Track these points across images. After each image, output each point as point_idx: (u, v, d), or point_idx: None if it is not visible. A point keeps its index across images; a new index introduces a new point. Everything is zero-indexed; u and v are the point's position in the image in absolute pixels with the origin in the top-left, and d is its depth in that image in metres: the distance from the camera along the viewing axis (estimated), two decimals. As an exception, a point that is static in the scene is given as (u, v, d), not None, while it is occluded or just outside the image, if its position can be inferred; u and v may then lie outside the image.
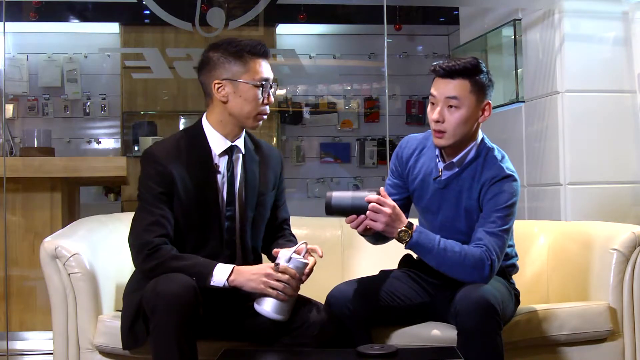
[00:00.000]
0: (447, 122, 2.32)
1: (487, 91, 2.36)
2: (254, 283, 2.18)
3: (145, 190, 2.30)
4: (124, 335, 2.27)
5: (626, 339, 2.63)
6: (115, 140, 6.66)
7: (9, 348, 3.37)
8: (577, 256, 2.80)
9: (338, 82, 6.91)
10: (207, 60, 2.34)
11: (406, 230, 2.25)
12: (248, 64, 2.30)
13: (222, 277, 2.17)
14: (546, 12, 3.91)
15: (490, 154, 2.41)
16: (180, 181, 2.29)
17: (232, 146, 2.37)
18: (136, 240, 2.26)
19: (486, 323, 2.17)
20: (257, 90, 2.29)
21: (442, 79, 2.33)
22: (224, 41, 2.34)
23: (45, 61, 6.48)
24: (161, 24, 4.15)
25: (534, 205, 4.05)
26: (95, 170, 3.61)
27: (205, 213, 2.32)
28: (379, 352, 2.08)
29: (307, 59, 6.58)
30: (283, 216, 2.55)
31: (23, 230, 3.54)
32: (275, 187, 2.48)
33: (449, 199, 2.42)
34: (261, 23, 5.13)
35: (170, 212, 2.28)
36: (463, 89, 2.31)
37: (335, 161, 6.93)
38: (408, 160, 2.51)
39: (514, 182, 2.37)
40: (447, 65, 2.32)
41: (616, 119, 3.83)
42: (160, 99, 6.39)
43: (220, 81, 2.31)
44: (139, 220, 2.28)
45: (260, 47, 2.32)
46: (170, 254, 2.22)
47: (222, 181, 2.36)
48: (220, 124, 2.36)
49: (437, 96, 2.34)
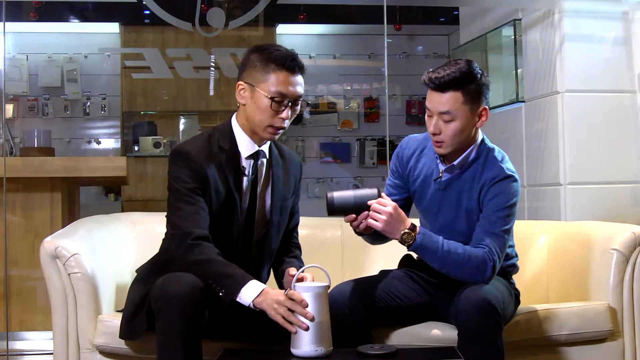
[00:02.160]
0: (443, 133, 2.32)
1: (482, 97, 2.33)
2: (270, 307, 2.11)
3: (180, 185, 2.26)
4: (122, 325, 2.28)
5: (626, 339, 2.63)
6: (115, 140, 6.66)
7: (9, 348, 3.37)
8: (577, 256, 2.80)
9: (338, 82, 6.91)
10: (245, 60, 2.33)
11: (409, 232, 2.25)
12: (269, 74, 2.26)
13: (249, 297, 2.13)
14: (546, 12, 3.91)
15: (491, 154, 2.41)
16: (213, 180, 2.28)
17: (258, 151, 2.36)
18: (178, 230, 2.23)
19: (487, 323, 2.17)
20: (271, 102, 2.26)
21: (434, 92, 2.31)
22: (264, 46, 2.31)
23: (45, 61, 6.48)
24: (161, 24, 4.15)
25: (534, 205, 4.05)
26: (95, 170, 3.61)
27: (228, 214, 2.32)
28: (379, 352, 2.08)
29: (307, 59, 6.58)
30: (295, 222, 2.55)
31: (23, 230, 3.54)
32: (294, 193, 2.49)
33: (449, 199, 2.42)
34: (261, 23, 5.13)
35: (206, 206, 2.26)
36: (455, 101, 2.28)
37: (335, 161, 6.93)
38: (409, 161, 2.51)
39: (514, 183, 2.37)
40: (437, 77, 2.28)
41: (616, 119, 3.83)
42: (160, 99, 6.38)
43: (242, 83, 2.31)
44: (177, 210, 2.24)
45: (289, 61, 2.26)
46: (214, 255, 2.19)
47: (246, 184, 2.35)
48: (244, 125, 2.35)
49: (431, 109, 2.33)
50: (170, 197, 2.29)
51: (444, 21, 6.73)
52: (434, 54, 6.96)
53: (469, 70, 2.29)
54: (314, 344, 2.06)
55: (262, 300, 2.12)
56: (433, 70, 2.31)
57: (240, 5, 4.28)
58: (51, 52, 6.49)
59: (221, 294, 2.14)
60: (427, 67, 2.41)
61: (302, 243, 2.59)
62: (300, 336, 2.07)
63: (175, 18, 4.06)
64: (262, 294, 2.13)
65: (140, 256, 2.64)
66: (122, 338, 2.31)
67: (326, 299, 2.11)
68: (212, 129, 2.41)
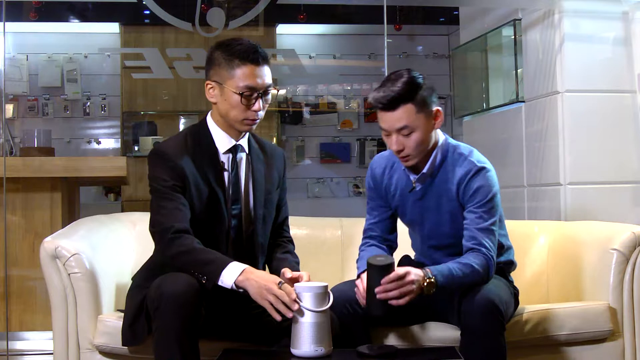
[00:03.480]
0: (407, 147, 2.33)
1: (432, 100, 2.34)
2: (256, 290, 2.12)
3: (158, 184, 2.28)
4: (124, 331, 2.28)
5: (626, 339, 2.63)
6: (115, 140, 6.66)
7: (9, 348, 3.37)
8: (577, 256, 2.80)
9: (338, 82, 6.91)
10: (209, 57, 2.34)
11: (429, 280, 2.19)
12: (234, 70, 2.26)
13: (230, 279, 2.13)
14: (546, 12, 3.91)
15: (457, 151, 2.42)
16: (192, 176, 2.29)
17: (236, 145, 2.37)
18: (158, 226, 2.24)
19: (491, 324, 2.18)
20: (240, 97, 2.27)
21: (385, 112, 2.31)
22: (225, 42, 2.33)
23: (45, 61, 6.48)
24: (161, 24, 4.15)
25: (534, 205, 4.04)
26: (95, 170, 3.61)
27: (214, 210, 2.32)
28: (378, 352, 2.08)
29: (307, 59, 6.58)
30: (284, 215, 2.55)
31: (23, 230, 3.54)
32: (279, 187, 2.49)
33: (429, 207, 2.43)
34: (261, 23, 5.13)
35: (187, 202, 2.27)
36: (409, 114, 2.29)
37: (335, 161, 6.93)
38: (382, 179, 2.52)
39: (489, 173, 2.37)
40: (384, 97, 2.28)
41: (616, 119, 3.83)
42: (160, 99, 6.39)
43: (210, 82, 2.32)
44: (157, 208, 2.26)
45: (251, 54, 2.27)
46: (194, 244, 2.20)
47: (228, 179, 2.36)
48: (219, 122, 2.36)
49: (387, 128, 2.34)
50: (152, 198, 2.30)
51: (444, 21, 6.73)
52: (434, 54, 6.96)
53: (413, 80, 2.29)
54: (314, 344, 2.06)
55: (245, 279, 2.13)
56: (377, 90, 2.31)
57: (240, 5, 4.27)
58: (51, 52, 6.50)
59: (204, 281, 2.14)
60: (427, 67, 2.43)
61: (302, 243, 2.59)
62: (300, 336, 2.07)
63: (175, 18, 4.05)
64: (243, 272, 2.14)
65: (140, 256, 2.65)
66: (125, 345, 2.30)
67: (326, 299, 2.11)
68: (188, 127, 2.44)
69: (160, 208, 2.25)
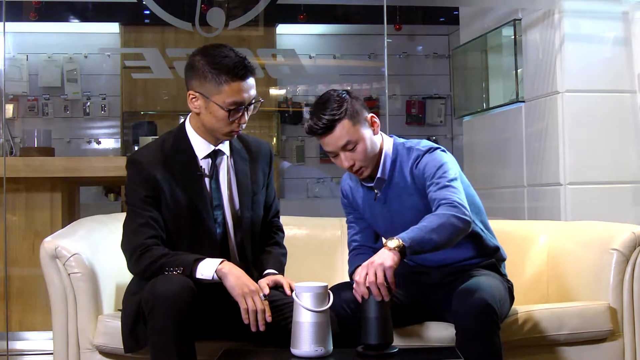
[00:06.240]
0: (357, 161, 2.36)
1: (362, 108, 2.36)
2: (235, 282, 2.14)
3: (132, 195, 2.29)
4: (125, 338, 2.27)
5: (626, 339, 2.62)
6: (115, 140, 6.66)
7: (9, 348, 3.37)
8: (577, 256, 2.80)
9: (338, 82, 6.90)
10: (191, 64, 2.29)
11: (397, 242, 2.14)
12: (222, 86, 2.22)
13: (210, 270, 2.15)
14: (546, 12, 3.91)
15: (405, 146, 2.44)
16: (166, 185, 2.28)
17: (215, 150, 2.36)
18: (128, 244, 2.27)
19: (484, 323, 2.17)
20: (228, 113, 2.24)
21: (324, 136, 2.33)
22: (210, 52, 2.27)
23: (45, 61, 6.48)
24: (161, 24, 4.15)
25: (534, 205, 4.05)
26: (95, 170, 3.61)
27: (195, 217, 2.31)
28: (379, 352, 2.08)
29: (307, 59, 6.57)
30: (274, 210, 2.55)
31: (23, 230, 3.54)
32: (265, 185, 2.48)
33: (395, 208, 2.44)
34: (261, 23, 5.13)
35: (159, 214, 2.28)
36: (347, 130, 2.31)
37: (335, 161, 6.92)
38: (352, 195, 2.55)
39: (435, 152, 2.39)
40: (317, 124, 2.30)
41: (616, 119, 3.83)
42: (160, 99, 6.38)
43: (194, 92, 2.28)
44: (128, 224, 2.29)
45: (240, 70, 2.22)
46: (161, 252, 2.22)
47: (209, 185, 2.34)
48: (199, 129, 2.34)
49: (332, 150, 2.36)
50: (126, 213, 2.32)
51: (444, 21, 6.73)
52: (434, 54, 6.96)
53: (339, 97, 2.33)
54: (314, 344, 2.06)
55: (227, 269, 2.15)
56: (310, 119, 2.34)
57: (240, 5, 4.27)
58: (51, 52, 6.50)
59: (179, 272, 2.15)
60: (427, 67, 2.43)
61: (302, 243, 2.59)
62: (300, 336, 2.07)
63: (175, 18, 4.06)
64: (224, 262, 2.17)
65: (140, 256, 2.64)
66: (127, 352, 2.28)
67: (326, 299, 2.11)
68: (166, 133, 2.42)
69: (130, 225, 2.27)
